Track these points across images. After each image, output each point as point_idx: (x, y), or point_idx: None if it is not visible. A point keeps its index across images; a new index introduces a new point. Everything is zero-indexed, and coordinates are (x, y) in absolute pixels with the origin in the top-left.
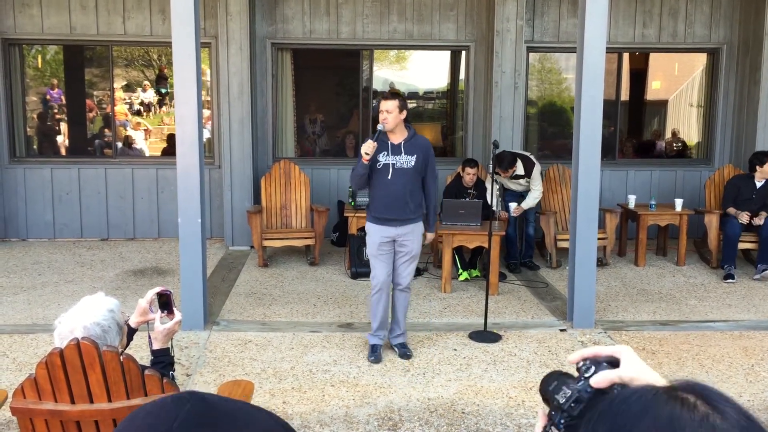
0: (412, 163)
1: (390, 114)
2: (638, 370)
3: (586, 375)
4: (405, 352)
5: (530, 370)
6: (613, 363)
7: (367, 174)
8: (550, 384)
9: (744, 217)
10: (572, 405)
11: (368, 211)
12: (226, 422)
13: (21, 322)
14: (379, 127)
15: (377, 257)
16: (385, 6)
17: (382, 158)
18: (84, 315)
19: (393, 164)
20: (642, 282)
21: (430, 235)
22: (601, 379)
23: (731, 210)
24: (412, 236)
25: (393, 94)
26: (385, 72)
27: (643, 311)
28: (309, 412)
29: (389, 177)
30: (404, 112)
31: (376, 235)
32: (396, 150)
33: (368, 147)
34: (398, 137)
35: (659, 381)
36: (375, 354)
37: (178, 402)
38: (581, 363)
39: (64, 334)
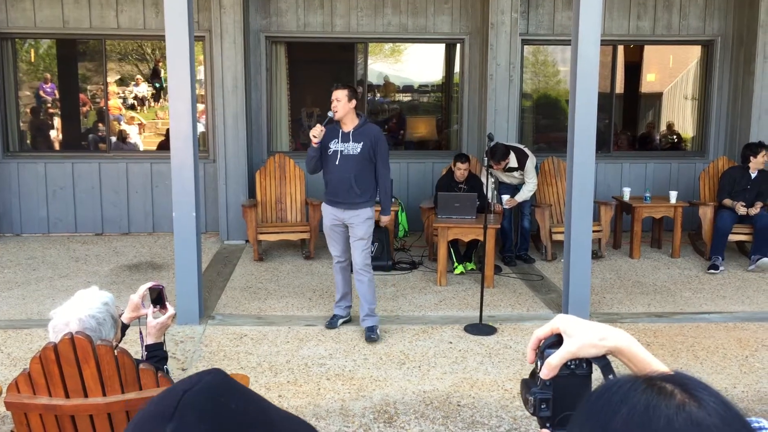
0: (359, 150)
1: (339, 102)
2: (579, 338)
3: (538, 372)
4: (369, 335)
5: (525, 362)
6: (560, 339)
7: (317, 157)
8: (522, 398)
9: (741, 209)
10: (542, 408)
11: (324, 193)
12: (243, 399)
13: (15, 317)
14: (330, 114)
15: (329, 236)
16: None
17: (333, 145)
18: (79, 307)
19: (341, 151)
20: (637, 274)
21: (385, 218)
22: (547, 371)
23: (727, 201)
24: (357, 220)
25: (344, 84)
26: (379, 65)
27: (638, 303)
28: (305, 406)
29: (337, 162)
30: (353, 101)
31: (327, 217)
32: (345, 137)
33: (315, 130)
34: (349, 125)
35: (604, 334)
36: (330, 321)
37: (202, 373)
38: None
39: (58, 327)
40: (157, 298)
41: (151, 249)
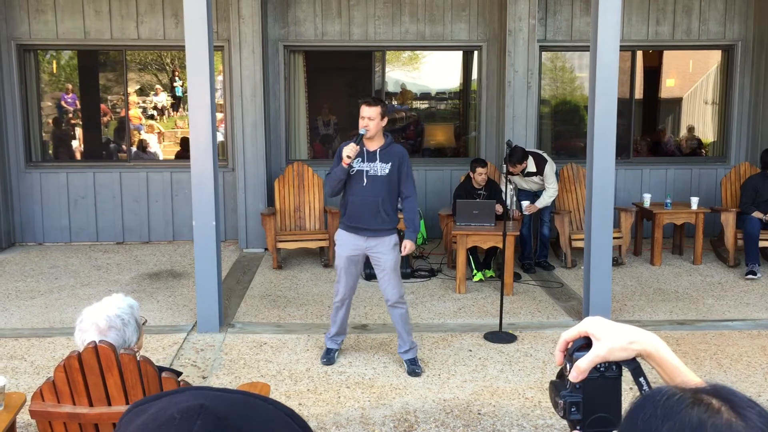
0: (387, 171)
1: (372, 121)
2: (608, 342)
3: (567, 375)
4: (414, 369)
5: (546, 370)
6: (589, 342)
7: (344, 179)
8: (552, 401)
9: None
10: (573, 411)
11: (341, 218)
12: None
13: (38, 325)
14: (361, 131)
15: (344, 270)
16: (397, 7)
17: (357, 164)
18: (107, 306)
19: (367, 171)
20: (658, 281)
21: (410, 244)
22: (577, 374)
23: (758, 214)
24: (383, 248)
25: (376, 99)
26: (397, 73)
27: (660, 310)
28: (325, 414)
29: (363, 184)
30: (385, 120)
31: (345, 247)
32: (371, 157)
33: (351, 150)
34: (375, 144)
35: (633, 337)
36: (328, 356)
37: (188, 418)
38: (563, 362)
39: (85, 326)
40: None
41: (171, 257)
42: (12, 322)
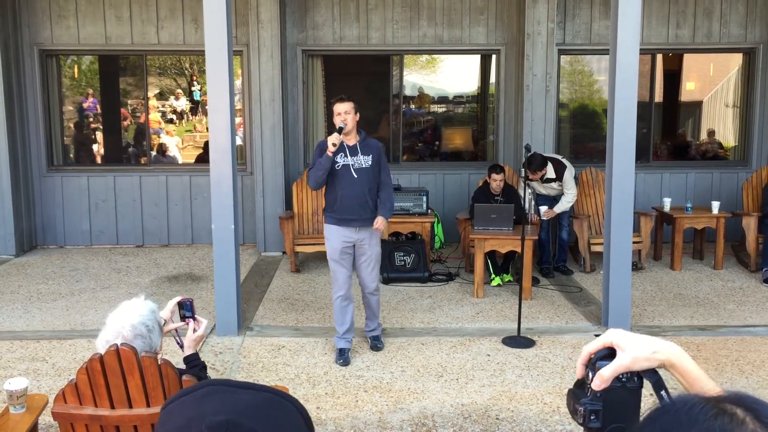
0: (369, 163)
1: (348, 115)
2: (632, 352)
3: (589, 383)
4: (376, 344)
5: (565, 375)
6: (612, 352)
7: (329, 168)
8: (570, 408)
9: None
10: (592, 419)
11: (328, 214)
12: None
13: (59, 327)
14: (341, 125)
15: (338, 262)
16: (415, 11)
17: (341, 159)
18: (130, 315)
19: (352, 164)
20: (678, 286)
21: (381, 220)
22: (599, 383)
23: None
24: (371, 240)
25: (347, 96)
26: (415, 77)
27: (680, 316)
28: (342, 418)
29: (354, 177)
30: (358, 115)
31: (336, 240)
32: (353, 151)
33: (335, 138)
34: (353, 139)
35: (656, 347)
36: (343, 357)
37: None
38: (585, 372)
39: (110, 336)
40: (187, 311)
41: (190, 261)
42: (33, 324)
